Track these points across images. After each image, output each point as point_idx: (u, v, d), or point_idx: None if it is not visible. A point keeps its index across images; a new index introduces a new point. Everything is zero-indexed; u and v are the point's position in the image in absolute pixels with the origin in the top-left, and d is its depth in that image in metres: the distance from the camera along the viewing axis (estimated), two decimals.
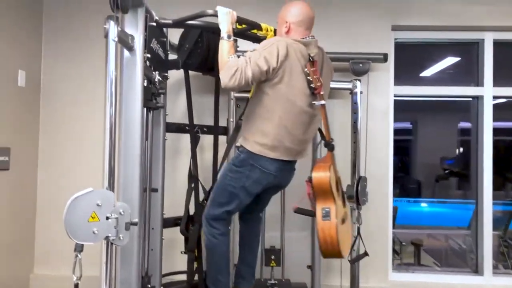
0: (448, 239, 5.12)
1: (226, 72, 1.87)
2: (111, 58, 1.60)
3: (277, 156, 1.97)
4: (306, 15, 2.04)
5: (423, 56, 3.36)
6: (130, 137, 1.83)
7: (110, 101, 1.62)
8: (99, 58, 3.00)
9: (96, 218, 1.49)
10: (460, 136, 7.35)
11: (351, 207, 2.68)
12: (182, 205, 2.53)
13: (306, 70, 1.91)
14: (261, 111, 1.97)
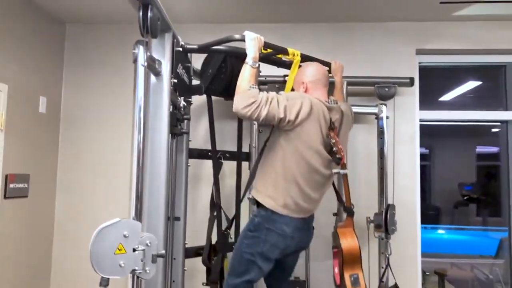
0: (473, 269, 4.92)
1: (242, 99, 1.82)
2: (139, 84, 1.57)
3: (289, 213, 1.91)
4: (321, 73, 2.06)
5: (447, 81, 3.29)
6: (156, 164, 1.78)
7: (138, 127, 1.58)
8: (119, 86, 3.03)
9: (123, 250, 1.42)
10: (478, 161, 7.20)
11: (379, 236, 2.57)
12: (203, 234, 2.45)
13: (332, 140, 1.87)
14: (276, 164, 1.92)
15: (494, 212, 6.84)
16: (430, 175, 7.56)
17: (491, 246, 5.24)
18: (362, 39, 2.90)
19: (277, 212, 1.90)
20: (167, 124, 1.82)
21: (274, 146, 1.94)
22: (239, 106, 1.81)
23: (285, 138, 1.89)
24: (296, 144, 1.88)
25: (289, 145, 1.89)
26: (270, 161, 1.95)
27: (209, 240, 2.39)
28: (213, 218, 2.45)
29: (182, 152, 2.29)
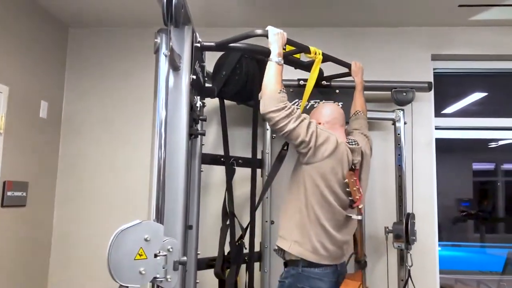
0: (480, 284, 4.81)
1: (272, 101, 1.74)
2: (162, 76, 1.46)
3: (317, 260, 1.79)
4: (338, 113, 2.01)
5: (460, 88, 3.23)
6: (174, 166, 1.64)
7: (160, 125, 1.46)
8: (122, 91, 2.92)
9: (143, 255, 1.28)
10: (474, 178, 7.17)
11: (399, 247, 2.45)
12: (214, 244, 2.31)
13: (346, 180, 1.80)
14: (299, 205, 1.82)
15: (491, 228, 6.79)
16: None
17: (498, 263, 5.14)
18: (377, 45, 2.83)
19: (307, 260, 1.78)
20: (186, 123, 1.70)
21: (297, 187, 1.85)
22: (268, 108, 1.73)
23: (308, 176, 1.80)
24: (318, 183, 1.79)
25: (311, 184, 1.80)
26: (293, 202, 1.85)
27: (222, 251, 2.25)
28: (225, 227, 2.31)
29: (195, 156, 2.17)
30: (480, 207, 6.87)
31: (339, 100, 2.55)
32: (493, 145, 5.16)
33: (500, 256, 5.39)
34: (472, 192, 7.47)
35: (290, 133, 1.75)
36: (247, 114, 2.59)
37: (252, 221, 2.28)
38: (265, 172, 2.55)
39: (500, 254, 5.64)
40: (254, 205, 2.29)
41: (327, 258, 1.82)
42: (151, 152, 1.47)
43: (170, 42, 1.46)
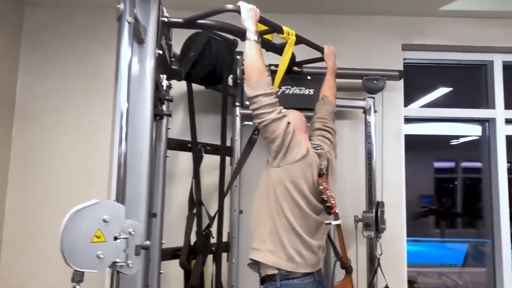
0: (442, 276, 4.93)
1: (263, 84, 1.70)
2: (124, 45, 1.34)
3: (293, 268, 1.72)
4: (300, 119, 1.96)
5: (430, 80, 3.26)
6: (138, 146, 1.53)
7: (122, 100, 1.35)
8: (81, 75, 2.74)
9: (102, 238, 1.16)
10: (436, 174, 7.37)
11: (368, 235, 2.42)
12: (179, 234, 2.20)
13: (321, 187, 1.75)
14: (271, 212, 1.74)
15: (451, 224, 6.99)
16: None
17: (458, 256, 5.28)
18: (349, 32, 2.80)
19: (283, 269, 1.70)
20: (151, 101, 1.58)
21: (267, 193, 1.77)
22: (258, 90, 1.67)
23: (278, 182, 1.73)
24: (289, 187, 1.72)
25: (282, 189, 1.72)
26: (264, 210, 1.77)
27: (188, 240, 2.14)
28: (192, 216, 2.20)
29: (160, 140, 2.05)
30: (441, 203, 7.06)
31: (310, 87, 2.49)
32: (454, 143, 5.30)
33: (460, 250, 5.56)
34: (433, 189, 7.68)
35: (269, 124, 1.68)
36: (216, 100, 2.49)
37: (220, 210, 2.18)
38: (235, 160, 2.47)
39: (460, 248, 5.82)
40: (223, 193, 2.19)
41: (304, 266, 1.74)
42: (112, 131, 1.35)
43: (134, 9, 1.35)
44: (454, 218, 7.09)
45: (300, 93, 2.50)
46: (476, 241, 5.19)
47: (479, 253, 4.87)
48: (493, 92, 2.91)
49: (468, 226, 6.64)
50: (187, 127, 2.31)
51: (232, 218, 2.44)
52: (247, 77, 1.73)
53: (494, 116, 2.89)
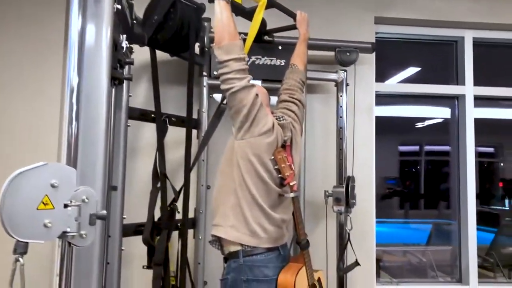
0: (406, 254, 5.03)
1: (236, 48, 1.63)
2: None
3: (257, 243, 1.65)
4: (263, 92, 1.86)
5: (401, 56, 3.22)
6: (92, 109, 1.38)
7: (73, 57, 1.21)
8: (30, 40, 2.50)
9: (49, 204, 1.04)
10: (401, 157, 7.52)
11: (338, 210, 2.38)
12: (142, 209, 2.08)
13: (272, 157, 1.68)
14: (234, 186, 1.67)
15: (415, 205, 7.18)
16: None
17: (421, 236, 5.41)
18: (320, 2, 2.70)
19: (246, 244, 1.64)
20: (108, 61, 1.43)
21: (230, 167, 1.70)
22: (230, 54, 1.59)
23: (241, 155, 1.66)
24: (252, 161, 1.65)
25: (245, 162, 1.65)
26: (227, 185, 1.70)
27: (152, 216, 2.02)
28: (156, 190, 2.08)
29: (120, 108, 1.90)
30: (405, 185, 7.20)
31: (281, 57, 2.39)
32: (420, 125, 5.38)
33: (423, 230, 5.69)
34: (398, 171, 7.83)
35: (238, 91, 1.60)
36: (182, 69, 2.35)
37: (186, 184, 2.07)
38: (201, 133, 2.35)
39: (423, 229, 5.96)
40: (189, 166, 2.07)
41: (267, 240, 1.68)
42: (62, 94, 1.21)
43: None
44: (418, 199, 7.27)
45: (271, 64, 2.39)
46: (441, 222, 5.33)
47: (442, 233, 5.01)
48: (463, 69, 2.91)
49: (431, 207, 6.83)
50: (151, 97, 2.17)
51: (199, 193, 2.33)
52: (218, 40, 1.63)
53: (463, 93, 2.89)
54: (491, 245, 4.11)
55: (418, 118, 5.32)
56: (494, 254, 3.82)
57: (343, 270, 2.33)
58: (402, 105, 3.71)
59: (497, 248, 4.04)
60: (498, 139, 5.83)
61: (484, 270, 3.47)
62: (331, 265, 2.38)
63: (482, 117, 2.94)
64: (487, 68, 3.04)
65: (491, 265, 3.69)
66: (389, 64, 3.07)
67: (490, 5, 2.82)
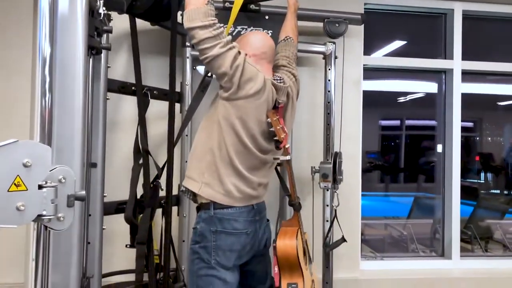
0: (387, 227, 5.11)
1: (200, 15, 1.49)
2: None
3: (230, 203, 1.62)
4: (268, 46, 1.74)
5: (389, 29, 3.15)
6: (67, 80, 1.26)
7: (44, 25, 1.09)
8: None
9: (22, 186, 0.94)
10: (381, 131, 7.58)
11: (325, 187, 2.34)
12: (123, 187, 2.00)
13: (268, 120, 1.60)
14: (212, 145, 1.60)
15: (395, 179, 7.29)
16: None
17: (404, 209, 5.49)
18: None
19: (219, 203, 1.60)
20: (84, 28, 1.31)
21: (211, 125, 1.63)
22: (193, 22, 1.48)
23: (224, 115, 1.59)
24: (235, 122, 1.58)
25: (226, 123, 1.58)
26: (205, 142, 1.64)
27: (134, 193, 1.95)
28: (138, 166, 1.99)
29: (99, 79, 1.79)
30: (385, 159, 7.30)
31: (268, 27, 2.29)
32: (401, 100, 5.37)
33: (404, 203, 5.78)
34: (379, 145, 7.91)
35: (213, 60, 1.52)
36: (164, 40, 2.23)
37: (169, 160, 1.98)
38: (185, 107, 2.25)
39: (404, 202, 6.06)
40: (172, 141, 1.98)
41: (241, 200, 1.65)
42: (32, 65, 1.10)
43: None
44: (398, 173, 7.38)
45: None
46: (424, 195, 5.41)
47: (423, 206, 5.08)
48: (451, 43, 2.86)
49: (412, 181, 6.94)
50: (131, 69, 2.04)
51: (183, 169, 2.25)
52: (185, 6, 1.54)
53: (451, 67, 2.85)
54: (470, 218, 4.21)
55: (401, 92, 5.32)
56: (472, 227, 3.91)
57: (329, 247, 2.31)
58: (387, 80, 3.66)
59: (475, 221, 4.14)
60: (478, 114, 5.89)
61: (462, 242, 3.55)
62: (317, 242, 2.36)
63: (464, 91, 2.92)
64: (475, 42, 3.01)
65: (469, 238, 3.78)
66: (376, 36, 2.99)
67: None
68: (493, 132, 5.90)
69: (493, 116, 5.67)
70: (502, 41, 3.16)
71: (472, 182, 5.13)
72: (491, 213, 4.41)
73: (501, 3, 2.86)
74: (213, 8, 1.54)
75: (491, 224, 4.15)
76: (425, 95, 4.01)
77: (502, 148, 5.64)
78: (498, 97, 4.51)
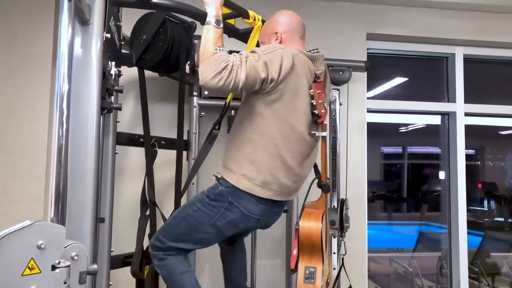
0: (392, 262, 5.02)
1: (210, 66, 1.42)
2: (64, 28, 1.10)
3: (268, 195, 1.56)
4: (298, 22, 1.74)
5: (390, 71, 3.20)
6: (82, 146, 1.29)
7: (61, 94, 1.12)
8: (8, 57, 2.36)
9: (36, 269, 0.94)
10: (383, 160, 7.57)
11: (332, 234, 2.33)
12: (129, 239, 1.99)
13: (311, 91, 1.56)
14: (253, 136, 1.55)
15: (398, 208, 7.24)
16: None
17: (407, 239, 5.42)
18: (313, 19, 2.64)
19: (254, 194, 1.54)
20: (97, 94, 1.34)
21: (249, 116, 1.57)
22: (207, 76, 1.41)
23: (265, 103, 1.53)
24: (279, 107, 1.52)
25: (270, 110, 1.53)
26: (244, 133, 1.58)
27: (141, 246, 1.94)
28: (145, 218, 1.99)
29: (108, 135, 1.81)
30: (389, 188, 7.25)
31: None
32: (403, 130, 5.40)
33: (408, 234, 5.71)
34: (382, 174, 7.88)
35: (246, 82, 1.44)
36: (171, 88, 2.27)
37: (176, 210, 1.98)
38: (192, 154, 2.26)
39: (407, 232, 5.98)
40: (179, 192, 1.99)
41: (279, 194, 1.59)
42: (49, 131, 1.12)
43: None
44: (401, 202, 7.33)
45: None
46: (428, 230, 5.34)
47: (429, 238, 5.00)
48: (454, 85, 2.90)
49: (416, 210, 6.86)
50: (139, 118, 2.08)
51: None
52: (199, 62, 1.49)
53: (454, 110, 2.88)
54: (476, 253, 4.15)
55: (403, 123, 5.34)
56: (479, 263, 3.86)
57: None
58: (391, 114, 3.70)
59: (482, 256, 4.09)
60: (479, 142, 5.91)
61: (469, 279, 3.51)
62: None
63: (467, 123, 2.94)
64: (477, 83, 3.05)
65: (475, 274, 3.72)
66: (379, 78, 3.04)
67: (480, 23, 2.81)
68: (494, 161, 5.91)
69: (495, 144, 5.69)
70: (502, 82, 3.21)
71: (475, 209, 5.08)
72: (498, 244, 4.36)
73: (500, 48, 2.91)
74: (223, 51, 1.46)
75: (497, 258, 4.10)
76: (426, 125, 4.03)
77: (504, 175, 5.65)
78: (499, 127, 4.56)
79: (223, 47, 1.48)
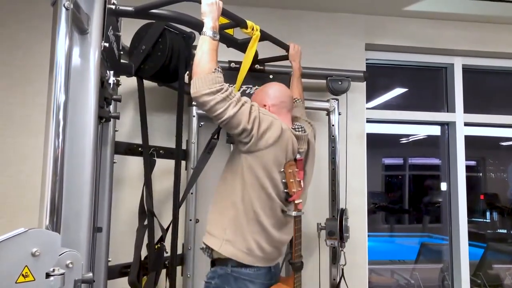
0: (394, 274, 4.98)
1: (206, 83, 1.48)
2: (61, 36, 1.11)
3: (253, 262, 1.59)
4: (287, 96, 1.78)
5: (389, 81, 3.21)
6: (79, 155, 1.29)
7: (57, 103, 1.13)
8: (7, 68, 2.38)
9: (30, 276, 0.94)
10: (384, 171, 7.55)
11: (331, 244, 2.31)
12: (127, 249, 1.98)
13: (283, 170, 1.60)
14: (235, 198, 1.59)
15: (399, 219, 7.19)
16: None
17: (409, 251, 5.38)
18: (311, 29, 2.67)
19: (239, 261, 1.57)
20: (95, 102, 1.35)
21: (231, 180, 1.62)
22: (201, 91, 1.46)
23: (246, 168, 1.57)
24: (257, 172, 1.56)
25: (250, 176, 1.57)
26: (228, 193, 1.61)
27: (138, 256, 1.92)
28: (143, 228, 1.98)
29: (106, 144, 1.81)
30: (390, 200, 7.23)
31: None
32: (404, 141, 5.39)
33: (409, 245, 5.66)
34: (384, 186, 7.84)
35: (230, 121, 1.50)
36: (170, 98, 2.27)
37: (174, 221, 1.97)
38: (191, 164, 2.26)
39: (409, 243, 5.93)
40: (178, 201, 1.98)
41: (262, 260, 1.62)
42: (45, 137, 1.12)
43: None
44: (403, 213, 7.28)
45: None
46: (429, 241, 5.29)
47: (430, 250, 4.96)
48: (453, 96, 2.90)
49: (417, 221, 6.82)
50: (137, 128, 2.08)
51: (187, 228, 2.24)
52: (192, 75, 1.53)
53: (454, 120, 2.88)
54: (479, 265, 4.11)
55: (403, 134, 5.33)
56: (481, 275, 3.81)
57: None
58: (391, 125, 3.70)
59: (484, 267, 4.04)
60: (481, 153, 5.89)
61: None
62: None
63: (467, 134, 2.94)
64: (476, 93, 3.06)
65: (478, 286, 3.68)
66: (379, 88, 3.04)
67: (479, 33, 2.83)
68: (496, 172, 5.88)
69: (496, 155, 5.67)
70: (502, 92, 3.21)
71: (477, 221, 5.04)
72: (501, 256, 4.32)
73: (499, 58, 2.93)
74: (221, 75, 1.52)
75: (500, 270, 4.06)
76: (427, 136, 4.03)
77: (506, 187, 5.61)
78: (500, 138, 4.55)
79: (220, 68, 1.53)
